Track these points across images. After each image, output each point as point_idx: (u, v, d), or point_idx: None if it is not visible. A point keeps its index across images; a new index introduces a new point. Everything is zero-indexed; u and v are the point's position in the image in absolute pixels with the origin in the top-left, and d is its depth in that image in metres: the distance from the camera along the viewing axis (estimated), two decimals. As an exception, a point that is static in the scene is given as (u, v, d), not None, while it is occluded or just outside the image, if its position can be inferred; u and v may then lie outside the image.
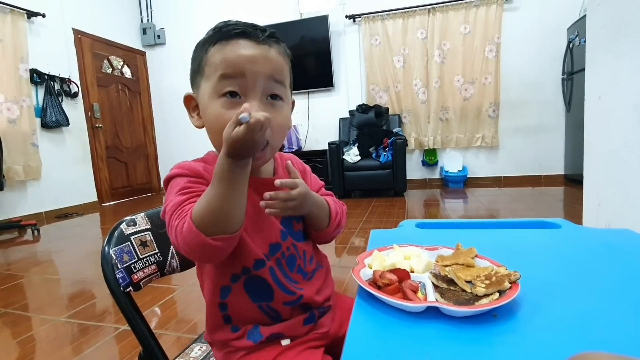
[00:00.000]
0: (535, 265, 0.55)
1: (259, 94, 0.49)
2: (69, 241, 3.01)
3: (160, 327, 1.46)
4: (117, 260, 0.54)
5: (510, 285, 0.43)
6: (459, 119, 4.44)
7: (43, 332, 1.48)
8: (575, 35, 3.68)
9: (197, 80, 0.53)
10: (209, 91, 0.50)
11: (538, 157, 4.32)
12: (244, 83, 0.48)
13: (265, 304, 0.53)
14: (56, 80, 4.03)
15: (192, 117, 0.55)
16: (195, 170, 0.50)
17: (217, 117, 0.49)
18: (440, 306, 0.40)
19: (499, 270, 0.47)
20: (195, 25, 5.06)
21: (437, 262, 0.53)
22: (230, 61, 0.48)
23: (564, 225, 0.74)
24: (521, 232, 0.72)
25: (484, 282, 0.44)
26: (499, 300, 0.40)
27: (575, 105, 3.78)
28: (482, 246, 0.55)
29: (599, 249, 0.62)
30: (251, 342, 0.52)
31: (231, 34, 0.49)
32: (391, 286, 0.45)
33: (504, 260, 0.51)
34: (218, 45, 0.49)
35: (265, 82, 0.49)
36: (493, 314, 0.40)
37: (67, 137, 4.19)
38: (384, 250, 0.59)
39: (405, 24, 4.42)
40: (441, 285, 0.46)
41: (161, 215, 0.50)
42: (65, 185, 4.14)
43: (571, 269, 0.55)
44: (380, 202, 3.78)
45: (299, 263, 0.56)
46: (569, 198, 3.48)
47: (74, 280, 2.10)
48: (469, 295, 0.43)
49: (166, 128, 5.48)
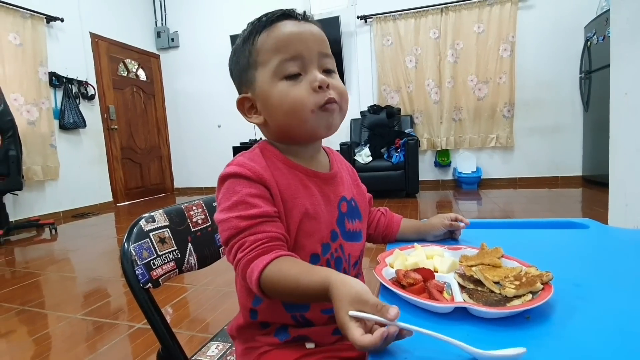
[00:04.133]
0: (565, 266, 0.53)
1: (316, 67, 0.50)
2: (85, 240, 3.07)
3: (174, 326, 1.47)
4: (136, 256, 0.54)
5: (543, 287, 0.41)
6: (472, 119, 4.37)
7: (59, 330, 1.50)
8: (593, 34, 3.59)
9: (250, 75, 0.51)
10: (269, 77, 0.49)
11: (555, 158, 4.21)
12: (303, 62, 0.49)
13: (300, 314, 0.51)
14: (74, 83, 4.13)
15: (250, 117, 0.54)
16: (256, 172, 0.48)
17: (284, 96, 0.49)
18: (469, 307, 0.39)
19: (530, 271, 0.45)
20: (208, 29, 5.12)
21: (461, 262, 0.51)
22: (284, 41, 0.49)
23: (591, 225, 0.71)
24: (547, 232, 0.69)
25: (513, 283, 0.42)
26: (532, 302, 0.38)
27: (594, 104, 3.68)
28: (507, 246, 0.53)
29: (630, 250, 0.59)
30: (277, 340, 0.52)
31: (273, 18, 0.50)
32: (416, 286, 0.44)
33: (531, 260, 0.49)
34: (265, 33, 0.50)
35: (319, 58, 0.50)
36: (526, 316, 0.38)
37: (84, 139, 4.28)
38: (405, 249, 0.58)
39: (418, 23, 4.38)
40: (468, 285, 0.44)
41: (215, 219, 0.49)
42: (82, 186, 4.22)
43: (603, 271, 0.52)
44: (392, 204, 3.75)
45: (344, 267, 0.55)
46: (588, 200, 3.39)
47: (90, 278, 2.13)
48: (499, 297, 0.41)
49: (179, 130, 5.55)
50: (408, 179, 3.89)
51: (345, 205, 0.56)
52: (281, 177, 0.50)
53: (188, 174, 5.60)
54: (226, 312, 1.57)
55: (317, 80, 0.48)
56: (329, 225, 0.52)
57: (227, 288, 1.81)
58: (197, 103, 5.35)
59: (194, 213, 0.65)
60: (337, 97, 0.50)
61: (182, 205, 0.65)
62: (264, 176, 0.48)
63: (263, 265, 0.43)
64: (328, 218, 0.53)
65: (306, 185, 0.52)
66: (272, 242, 0.46)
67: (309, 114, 0.48)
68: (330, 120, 0.50)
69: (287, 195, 0.50)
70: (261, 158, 0.51)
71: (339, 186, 0.56)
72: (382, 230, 0.68)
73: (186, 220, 0.64)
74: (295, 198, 0.50)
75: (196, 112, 5.38)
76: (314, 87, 0.48)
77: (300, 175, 0.52)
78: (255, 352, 0.52)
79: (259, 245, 0.45)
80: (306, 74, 0.49)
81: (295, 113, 0.48)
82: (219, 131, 5.25)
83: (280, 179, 0.50)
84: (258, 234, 0.45)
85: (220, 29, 4.94)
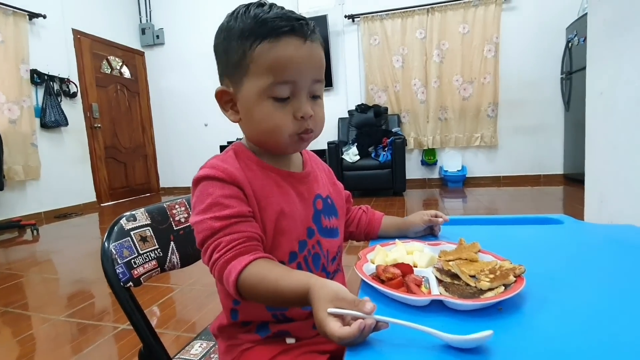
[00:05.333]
0: (539, 260, 0.55)
1: (305, 94, 0.50)
2: (68, 241, 3.00)
3: (159, 327, 1.46)
4: (117, 255, 0.53)
5: (516, 279, 0.43)
6: (457, 119, 4.44)
7: (42, 331, 1.47)
8: (574, 35, 3.68)
9: (238, 76, 0.50)
10: (257, 91, 0.48)
11: (537, 157, 4.31)
12: (295, 87, 0.49)
13: (280, 312, 0.52)
14: (55, 81, 4.02)
15: (227, 111, 0.53)
16: (229, 173, 0.48)
17: (268, 116, 0.49)
18: (444, 299, 0.40)
19: (504, 265, 0.46)
20: (194, 26, 5.05)
21: (440, 257, 0.52)
22: (283, 65, 0.47)
23: (566, 221, 0.74)
24: (523, 228, 0.72)
25: (488, 276, 0.44)
26: (504, 294, 0.40)
27: (574, 104, 3.78)
28: (485, 241, 0.55)
29: (602, 244, 0.62)
30: (258, 336, 0.52)
31: (280, 32, 0.46)
32: (395, 280, 0.45)
33: (507, 255, 0.51)
34: (267, 44, 0.46)
35: (310, 85, 0.50)
36: (498, 308, 0.40)
37: (66, 137, 4.18)
38: (387, 245, 0.59)
39: (404, 23, 4.42)
40: (445, 279, 0.46)
41: (190, 223, 0.49)
42: (64, 186, 4.12)
43: (575, 264, 0.54)
44: (380, 202, 3.78)
45: (322, 262, 0.55)
46: (569, 197, 3.48)
47: (73, 279, 2.09)
48: (474, 289, 0.42)
49: (165, 128, 5.46)
50: (395, 178, 3.93)
51: (320, 202, 0.57)
52: (255, 178, 0.50)
53: (174, 173, 5.52)
54: (212, 312, 1.56)
55: (302, 112, 0.49)
56: (304, 222, 0.53)
57: (213, 288, 1.78)
58: (183, 101, 5.28)
59: (176, 212, 0.65)
60: (315, 127, 0.51)
61: (164, 204, 0.65)
62: (237, 177, 0.48)
63: (241, 267, 0.43)
64: (303, 216, 0.53)
65: (280, 185, 0.53)
66: (249, 243, 0.46)
67: (286, 138, 0.50)
68: (301, 146, 0.52)
69: (261, 195, 0.50)
70: (234, 160, 0.51)
71: (313, 184, 0.57)
72: (364, 227, 0.69)
73: (169, 218, 0.64)
74: (270, 197, 0.50)
75: (182, 110, 5.31)
76: (296, 116, 0.49)
77: (274, 176, 0.53)
78: (237, 349, 0.53)
79: (235, 245, 0.45)
80: (294, 99, 0.49)
81: (272, 134, 0.50)
82: (206, 130, 5.20)
83: (254, 179, 0.50)
84: (233, 234, 0.45)
85: (206, 26, 4.85)
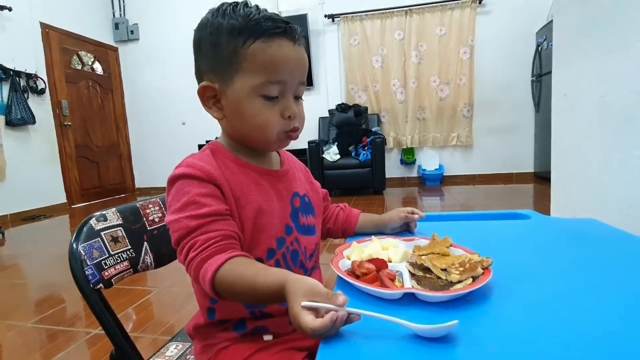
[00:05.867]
0: (507, 253, 0.57)
1: (292, 95, 0.52)
2: (36, 244, 2.86)
3: (136, 330, 1.42)
4: (86, 256, 0.52)
5: (483, 271, 0.44)
6: (435, 119, 4.54)
7: (9, 339, 1.40)
8: (543, 39, 3.84)
9: (228, 73, 0.49)
10: (248, 89, 0.49)
11: (510, 156, 4.48)
12: (284, 87, 0.50)
13: (258, 309, 0.52)
14: (22, 76, 3.83)
15: (210, 108, 0.52)
16: (205, 171, 0.48)
17: (257, 112, 0.50)
18: (416, 292, 0.41)
19: (472, 258, 0.48)
20: (170, 21, 4.92)
21: (414, 252, 0.54)
22: (277, 65, 0.48)
23: (533, 216, 0.77)
24: (493, 223, 0.75)
25: (458, 269, 0.45)
26: (472, 285, 0.41)
27: (544, 105, 3.95)
28: (457, 236, 0.57)
29: (565, 237, 0.65)
30: (235, 334, 0.52)
31: (274, 32, 0.48)
32: (369, 275, 0.46)
33: (478, 249, 0.53)
34: (260, 44, 0.47)
35: (297, 86, 0.52)
36: (467, 299, 0.41)
37: (34, 136, 3.98)
38: (363, 242, 0.60)
39: (384, 24, 4.48)
40: (417, 273, 0.47)
41: (165, 222, 0.48)
42: (32, 186, 3.93)
43: (540, 256, 0.57)
44: (360, 200, 3.82)
45: (301, 259, 0.56)
46: (539, 194, 3.64)
47: (42, 284, 2.00)
48: (444, 282, 0.44)
49: (140, 127, 5.30)
50: (375, 177, 3.98)
51: (298, 200, 0.57)
52: (232, 176, 0.50)
53: (151, 173, 5.37)
54: (190, 314, 1.53)
55: (290, 112, 0.51)
56: (282, 220, 0.54)
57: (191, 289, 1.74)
58: (160, 99, 5.14)
59: (150, 211, 0.64)
60: (299, 125, 0.54)
61: (137, 204, 0.63)
62: (214, 175, 0.48)
63: (217, 265, 0.43)
64: (281, 213, 0.54)
65: (258, 183, 0.53)
66: (225, 241, 0.45)
67: (274, 135, 0.51)
68: (286, 143, 0.55)
69: (239, 192, 0.50)
70: (211, 158, 0.51)
71: (291, 182, 0.58)
72: (341, 224, 0.70)
73: (142, 218, 0.62)
74: (248, 195, 0.50)
75: (159, 108, 5.17)
76: (284, 115, 0.51)
77: (252, 174, 0.53)
78: (214, 348, 0.52)
79: (211, 244, 0.44)
80: (282, 99, 0.51)
81: (261, 131, 0.51)
82: (184, 128, 5.09)
83: (232, 177, 0.50)
84: (209, 233, 0.45)
85: (183, 21, 4.75)
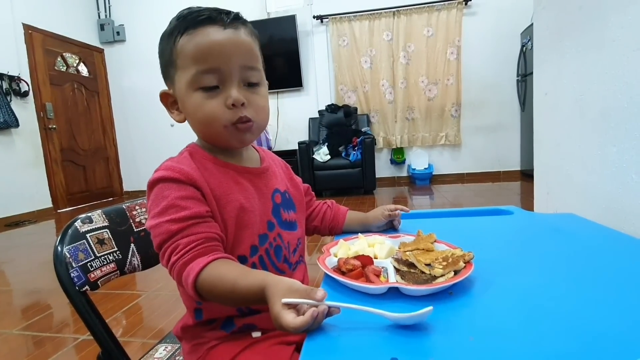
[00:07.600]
0: (489, 247, 0.59)
1: (236, 82, 0.49)
2: (21, 250, 2.80)
3: (125, 334, 1.40)
4: (71, 258, 0.51)
5: (465, 265, 0.46)
6: (424, 119, 4.59)
7: (-8, 347, 1.37)
8: (527, 40, 3.92)
9: (171, 73, 0.51)
10: (185, 84, 0.49)
11: (497, 154, 4.56)
12: (221, 75, 0.48)
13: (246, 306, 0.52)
14: (4, 79, 3.74)
15: (172, 112, 0.54)
16: (185, 173, 0.47)
17: (198, 107, 0.49)
18: (400, 286, 0.42)
19: (455, 252, 0.49)
20: (157, 22, 4.85)
21: (400, 248, 0.55)
22: (203, 52, 0.47)
23: (516, 212, 0.79)
24: (477, 219, 0.76)
25: (441, 264, 0.47)
26: (454, 279, 0.43)
27: (529, 105, 4.03)
28: (442, 233, 0.58)
29: (546, 231, 0.67)
30: (224, 332, 0.52)
31: (197, 21, 0.48)
32: (355, 271, 0.46)
33: (461, 244, 0.54)
34: (186, 36, 0.48)
35: (240, 72, 0.49)
36: (449, 292, 0.43)
37: (17, 140, 3.89)
38: (350, 239, 0.60)
39: (372, 25, 4.51)
40: (402, 268, 0.48)
41: (146, 227, 0.48)
42: (15, 191, 3.83)
43: (521, 250, 0.59)
44: (351, 200, 3.83)
45: (284, 254, 0.56)
46: (525, 191, 3.71)
47: (28, 291, 1.96)
48: (428, 276, 0.45)
49: (127, 129, 5.23)
50: (365, 177, 4.00)
51: (279, 196, 0.58)
52: (212, 177, 0.50)
53: (139, 176, 5.29)
54: (180, 317, 1.52)
55: (232, 98, 0.48)
56: (264, 216, 0.54)
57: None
58: (148, 101, 5.06)
59: (137, 213, 0.63)
60: (252, 114, 0.50)
61: (123, 205, 0.63)
62: (194, 177, 0.48)
63: (199, 268, 0.43)
64: (263, 210, 0.54)
65: (238, 182, 0.53)
66: (207, 244, 0.45)
67: (222, 129, 0.49)
68: (242, 137, 0.51)
69: (219, 192, 0.50)
70: (190, 160, 0.51)
71: (271, 179, 0.58)
72: (329, 222, 0.70)
73: (128, 220, 0.62)
74: (229, 194, 0.51)
75: (146, 110, 5.10)
76: (227, 104, 0.48)
77: (231, 173, 0.53)
78: (203, 347, 0.52)
79: (193, 247, 0.45)
80: (224, 88, 0.48)
81: (207, 125, 0.50)
82: (172, 131, 5.02)
83: (211, 178, 0.50)
84: (191, 236, 0.45)
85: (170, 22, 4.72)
